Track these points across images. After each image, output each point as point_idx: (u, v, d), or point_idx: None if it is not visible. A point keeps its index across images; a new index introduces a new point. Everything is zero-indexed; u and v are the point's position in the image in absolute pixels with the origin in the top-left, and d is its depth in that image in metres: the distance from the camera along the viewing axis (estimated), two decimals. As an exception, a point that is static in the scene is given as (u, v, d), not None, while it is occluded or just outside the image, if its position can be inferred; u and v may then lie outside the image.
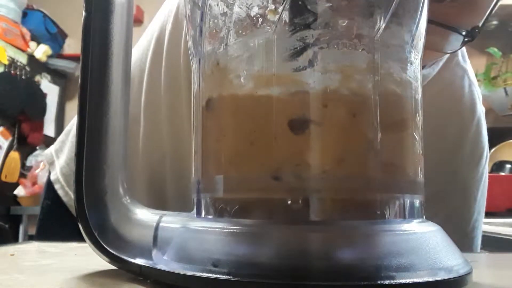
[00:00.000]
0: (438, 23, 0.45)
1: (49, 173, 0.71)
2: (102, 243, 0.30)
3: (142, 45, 0.65)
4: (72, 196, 0.65)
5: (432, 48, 0.49)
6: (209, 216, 0.29)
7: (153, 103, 0.63)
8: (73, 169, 0.30)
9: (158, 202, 0.63)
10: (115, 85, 0.31)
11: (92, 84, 0.31)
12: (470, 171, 0.64)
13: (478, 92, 0.65)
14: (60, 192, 0.68)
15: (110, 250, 0.29)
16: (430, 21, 0.42)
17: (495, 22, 2.21)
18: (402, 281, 0.23)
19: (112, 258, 0.30)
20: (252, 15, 0.28)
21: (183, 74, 0.60)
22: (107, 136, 0.31)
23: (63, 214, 0.67)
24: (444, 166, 0.62)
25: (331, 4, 0.27)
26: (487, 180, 0.66)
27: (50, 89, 3.01)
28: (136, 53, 0.64)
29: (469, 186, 0.64)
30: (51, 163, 0.70)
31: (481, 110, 0.64)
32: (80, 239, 0.31)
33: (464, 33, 0.46)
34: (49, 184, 0.70)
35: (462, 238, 0.63)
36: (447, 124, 0.62)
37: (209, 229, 0.27)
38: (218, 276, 0.24)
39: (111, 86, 0.31)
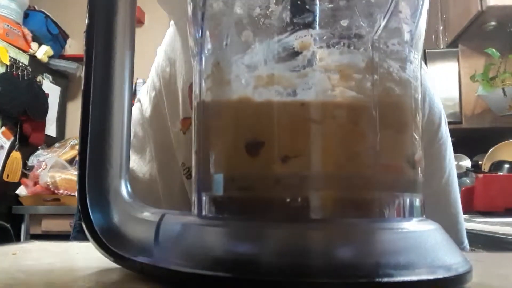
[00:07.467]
0: None
1: None
2: (105, 242, 0.30)
3: None
4: None
5: None
6: (210, 215, 0.29)
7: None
8: None
9: None
10: (118, 86, 0.31)
11: (95, 84, 0.31)
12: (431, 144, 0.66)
13: (439, 103, 0.69)
14: None
15: (113, 249, 0.30)
16: None
17: (493, 23, 2.21)
18: (401, 279, 0.23)
19: (114, 256, 0.30)
20: (254, 16, 0.28)
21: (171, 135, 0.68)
22: (110, 136, 0.31)
23: None
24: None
25: (330, 4, 0.27)
26: (453, 166, 0.68)
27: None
28: None
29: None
30: None
31: (442, 113, 0.68)
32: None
33: None
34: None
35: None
36: None
37: (210, 227, 0.27)
38: (219, 274, 0.24)
39: (114, 86, 0.31)
